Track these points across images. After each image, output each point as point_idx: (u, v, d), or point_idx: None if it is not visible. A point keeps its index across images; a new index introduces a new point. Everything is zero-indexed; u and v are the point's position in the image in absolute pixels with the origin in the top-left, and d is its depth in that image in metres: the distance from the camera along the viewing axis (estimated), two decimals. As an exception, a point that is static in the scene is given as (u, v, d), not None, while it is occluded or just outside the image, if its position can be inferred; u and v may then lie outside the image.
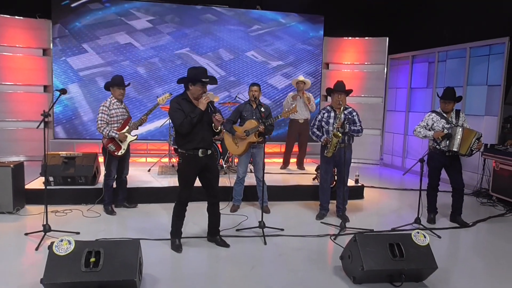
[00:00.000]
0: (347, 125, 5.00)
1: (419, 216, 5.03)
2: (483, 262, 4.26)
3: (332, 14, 9.57)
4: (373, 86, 9.61)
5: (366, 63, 9.68)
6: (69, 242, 3.18)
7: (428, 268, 3.44)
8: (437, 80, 8.31)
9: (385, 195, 6.90)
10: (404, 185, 7.59)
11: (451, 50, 7.98)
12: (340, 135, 4.91)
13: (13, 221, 4.97)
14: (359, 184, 6.61)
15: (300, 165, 7.93)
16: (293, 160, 8.13)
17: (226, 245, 4.30)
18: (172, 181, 6.44)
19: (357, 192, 6.51)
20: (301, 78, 7.58)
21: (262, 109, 5.17)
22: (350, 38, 9.75)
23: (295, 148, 7.96)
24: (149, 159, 8.51)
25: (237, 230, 4.79)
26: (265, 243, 4.41)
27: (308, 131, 7.78)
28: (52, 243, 3.18)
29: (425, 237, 3.55)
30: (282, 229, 4.82)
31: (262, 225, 4.60)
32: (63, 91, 4.46)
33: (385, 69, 9.56)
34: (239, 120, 5.50)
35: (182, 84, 4.10)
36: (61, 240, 3.19)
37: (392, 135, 9.58)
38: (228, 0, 9.16)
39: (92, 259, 3.11)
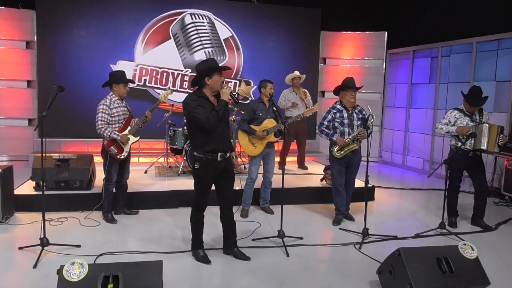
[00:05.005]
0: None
1: (443, 221, 4.77)
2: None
3: (329, 8, 9.25)
4: (371, 82, 9.34)
5: (364, 58, 9.41)
6: (82, 266, 2.75)
7: (480, 284, 3.15)
8: (440, 75, 8.08)
9: (393, 196, 6.64)
10: (404, 184, 7.38)
11: (456, 45, 7.75)
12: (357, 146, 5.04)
13: (4, 232, 4.45)
14: (370, 185, 6.31)
15: (301, 164, 7.60)
16: (293, 159, 7.81)
17: (246, 258, 3.90)
18: (172, 184, 6.03)
19: (368, 194, 6.16)
20: (297, 73, 7.23)
21: (274, 108, 4.85)
22: (348, 32, 9.45)
23: (294, 147, 7.62)
24: (141, 159, 8.03)
25: (253, 239, 4.42)
26: (288, 255, 4.04)
27: (305, 128, 7.49)
28: (62, 266, 2.74)
29: (473, 249, 3.26)
30: (301, 238, 4.48)
31: (281, 234, 4.23)
32: (61, 89, 3.97)
33: (384, 64, 9.31)
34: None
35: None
36: (72, 263, 2.75)
37: (392, 131, 9.35)
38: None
39: (110, 286, 2.68)
